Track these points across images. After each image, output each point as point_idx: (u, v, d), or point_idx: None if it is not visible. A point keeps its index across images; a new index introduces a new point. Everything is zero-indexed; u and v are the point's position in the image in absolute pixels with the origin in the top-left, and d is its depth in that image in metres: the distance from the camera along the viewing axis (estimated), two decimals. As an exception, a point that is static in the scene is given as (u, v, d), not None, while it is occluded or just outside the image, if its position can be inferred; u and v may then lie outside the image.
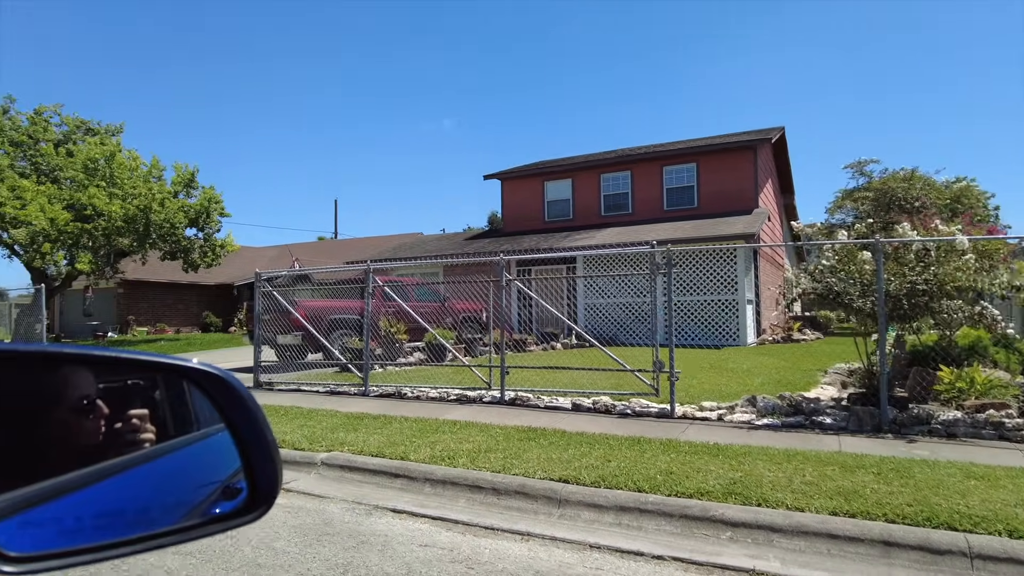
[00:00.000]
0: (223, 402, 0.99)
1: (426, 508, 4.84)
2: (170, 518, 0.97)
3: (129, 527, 0.90)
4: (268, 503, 1.00)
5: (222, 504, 1.02)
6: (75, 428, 0.88)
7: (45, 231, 18.38)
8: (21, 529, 0.78)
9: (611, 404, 8.00)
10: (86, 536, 0.87)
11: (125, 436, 0.92)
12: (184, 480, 1.08)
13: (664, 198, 20.05)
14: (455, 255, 18.65)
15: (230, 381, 0.98)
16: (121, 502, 0.94)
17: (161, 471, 1.00)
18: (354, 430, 6.84)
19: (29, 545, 0.78)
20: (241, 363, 15.68)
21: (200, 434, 1.05)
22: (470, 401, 8.81)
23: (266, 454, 0.99)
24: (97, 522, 0.89)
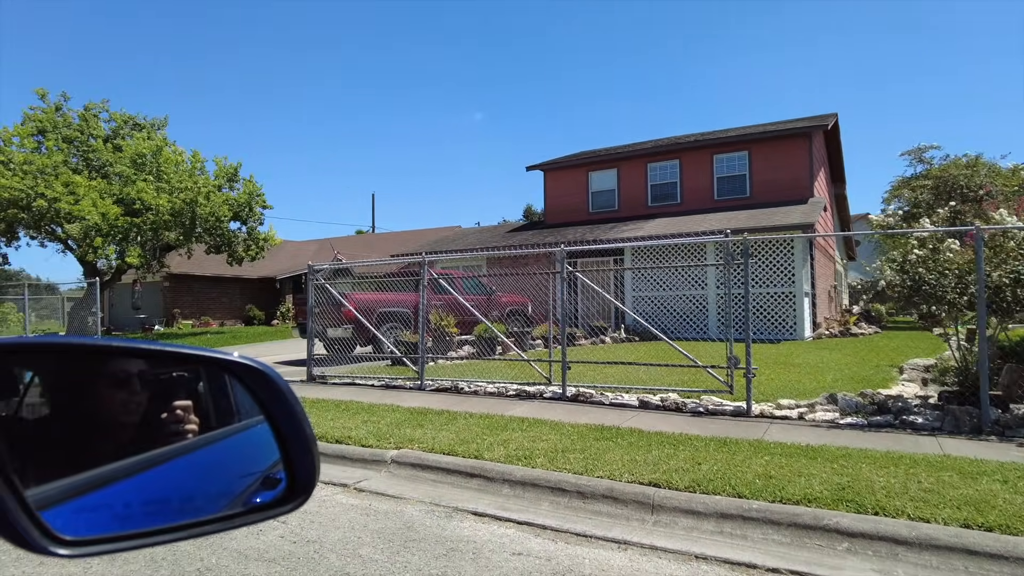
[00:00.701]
0: (263, 395, 1.00)
1: (508, 511, 4.58)
2: (213, 506, 0.99)
3: (175, 514, 0.92)
4: (306, 493, 1.00)
5: (262, 494, 1.03)
6: (124, 419, 0.91)
7: (97, 225, 18.64)
8: (75, 514, 0.79)
9: (681, 402, 7.66)
10: (135, 522, 0.89)
11: (170, 427, 0.94)
12: (226, 470, 1.09)
13: (715, 187, 19.47)
14: (504, 247, 18.39)
15: (270, 375, 0.99)
16: (167, 490, 0.96)
17: (204, 461, 1.02)
18: (420, 426, 6.62)
19: (83, 529, 0.80)
20: (288, 356, 15.69)
21: (241, 425, 1.05)
22: (530, 397, 8.54)
23: (304, 446, 0.98)
24: (145, 509, 0.91)
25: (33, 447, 0.84)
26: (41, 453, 0.84)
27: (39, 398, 0.89)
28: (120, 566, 3.54)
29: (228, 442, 1.06)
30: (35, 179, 18.25)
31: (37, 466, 0.80)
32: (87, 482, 0.84)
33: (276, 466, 1.01)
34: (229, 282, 30.73)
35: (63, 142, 20.77)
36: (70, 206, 18.06)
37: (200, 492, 1.02)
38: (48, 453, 0.85)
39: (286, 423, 0.98)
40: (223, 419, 1.06)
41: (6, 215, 18.15)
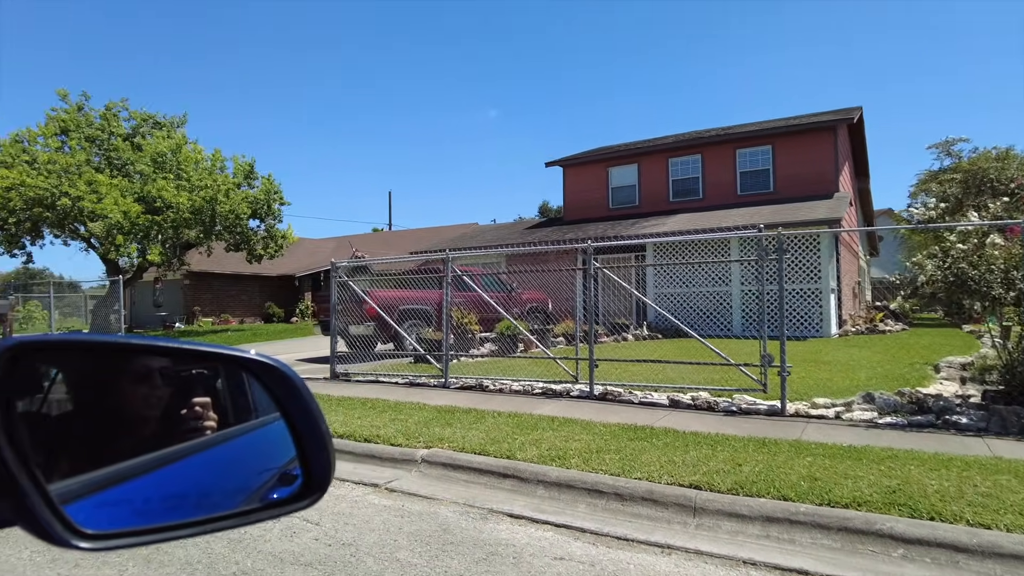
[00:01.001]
0: (280, 393, 1.00)
1: (545, 513, 4.46)
2: (231, 502, 1.00)
3: (193, 509, 0.94)
4: (321, 490, 1.01)
5: (279, 490, 1.03)
6: (144, 415, 0.92)
7: (119, 224, 18.76)
8: (97, 509, 0.80)
9: (712, 400, 7.49)
10: (154, 517, 0.90)
11: (189, 423, 0.95)
12: (243, 466, 1.10)
13: (737, 182, 19.20)
14: (529, 244, 18.26)
15: (286, 372, 0.99)
16: (185, 486, 0.97)
17: (222, 457, 1.03)
18: (448, 425, 6.52)
19: (104, 524, 0.81)
20: (310, 353, 15.69)
21: (258, 422, 1.06)
22: (557, 395, 8.41)
23: (320, 443, 1.00)
24: (164, 504, 0.92)
25: (56, 443, 0.85)
26: (64, 449, 0.85)
27: (63, 395, 0.91)
28: (156, 569, 3.48)
29: (245, 439, 1.07)
30: (59, 178, 18.40)
31: (60, 461, 0.81)
32: (108, 477, 0.85)
33: (292, 463, 1.02)
34: (248, 280, 30.88)
35: (85, 141, 20.93)
36: (93, 204, 18.19)
37: (217, 488, 1.04)
38: (70, 449, 0.86)
39: (302, 420, 0.99)
40: (241, 416, 1.07)
41: (31, 214, 18.31)
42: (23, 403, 0.81)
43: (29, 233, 19.97)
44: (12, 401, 0.77)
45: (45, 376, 0.88)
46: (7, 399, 0.75)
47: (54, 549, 3.39)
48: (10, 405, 0.76)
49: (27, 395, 0.83)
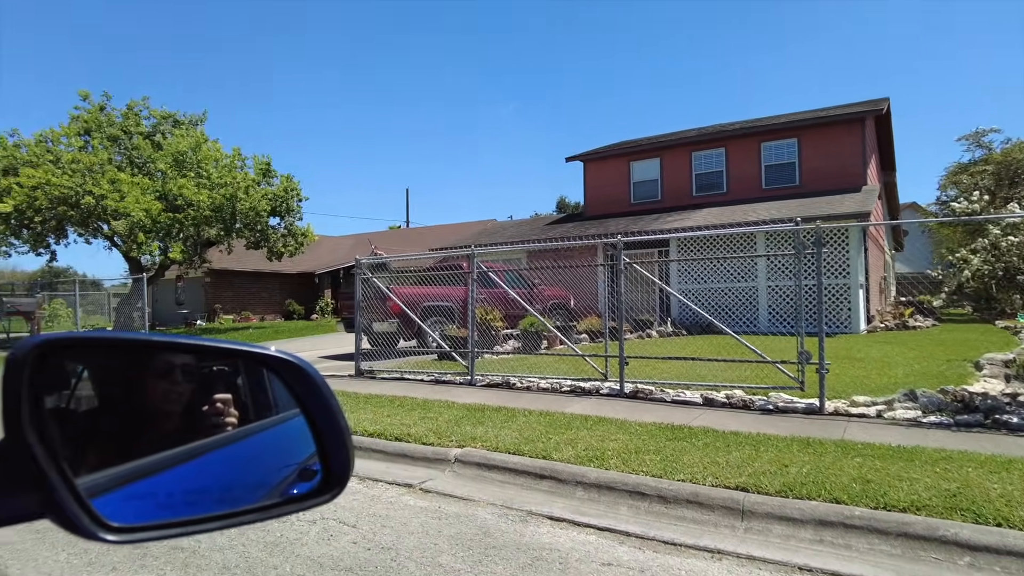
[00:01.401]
0: (299, 389, 1.00)
1: (586, 516, 4.32)
2: (252, 497, 1.00)
3: (215, 504, 0.94)
4: (341, 485, 1.01)
5: (299, 485, 1.04)
6: (168, 411, 0.93)
7: (141, 222, 18.87)
8: (122, 502, 0.82)
9: (748, 399, 7.31)
10: (177, 511, 0.91)
11: (211, 419, 0.96)
12: (264, 461, 1.11)
13: (762, 176, 18.88)
14: (557, 239, 18.08)
15: (306, 369, 0.99)
16: (207, 480, 0.97)
17: (243, 452, 1.03)
18: (480, 424, 6.40)
19: (129, 517, 0.82)
20: (333, 350, 15.66)
21: (278, 418, 1.07)
22: (586, 393, 8.27)
23: (339, 439, 1.00)
24: (186, 498, 0.93)
25: (83, 438, 0.86)
26: (90, 444, 0.87)
27: (89, 391, 0.92)
28: (193, 573, 3.39)
29: (266, 434, 1.07)
30: (83, 177, 18.53)
31: (86, 456, 0.82)
32: (133, 472, 0.86)
33: (312, 458, 1.02)
34: (268, 277, 31.01)
35: (107, 140, 21.07)
36: (116, 203, 18.29)
37: (239, 482, 1.04)
38: (97, 444, 0.88)
39: (321, 416, 0.99)
40: (261, 412, 1.08)
41: (56, 212, 18.46)
42: (51, 399, 0.82)
43: (54, 232, 20.15)
44: (41, 397, 0.78)
45: (72, 373, 0.90)
46: (36, 395, 0.76)
47: (91, 551, 3.33)
48: (39, 401, 0.77)
49: (55, 391, 0.84)
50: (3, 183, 18.05)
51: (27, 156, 19.05)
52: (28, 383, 0.75)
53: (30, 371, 0.76)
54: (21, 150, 19.44)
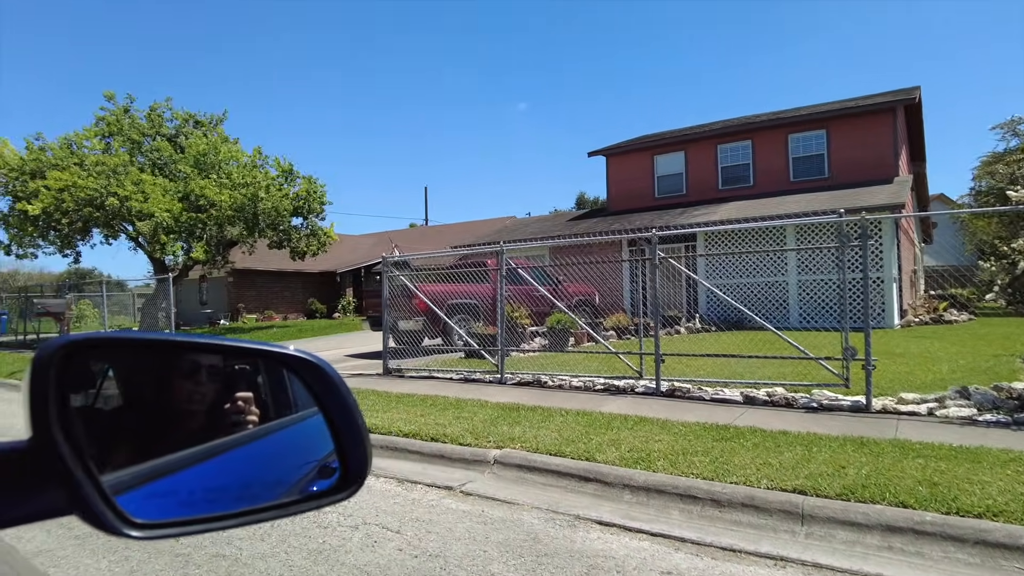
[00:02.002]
0: (318, 387, 1.00)
1: (637, 521, 4.15)
2: (271, 494, 1.01)
3: (235, 501, 0.94)
4: (358, 483, 1.01)
5: (318, 482, 1.05)
6: (189, 409, 0.94)
7: (164, 223, 18.96)
8: (145, 499, 0.83)
9: (790, 396, 7.08)
10: (198, 508, 0.92)
11: (232, 417, 0.96)
12: (283, 459, 1.12)
13: (790, 168, 18.51)
14: (584, 235, 17.89)
15: (324, 368, 1.00)
16: (228, 478, 0.98)
17: (263, 450, 1.04)
18: (516, 423, 6.25)
19: (152, 513, 0.83)
20: (357, 349, 15.60)
21: (298, 416, 1.07)
22: (620, 391, 8.08)
23: (356, 437, 1.00)
24: (207, 496, 0.94)
25: (107, 436, 0.87)
26: (114, 442, 0.87)
27: (113, 390, 0.93)
28: (238, 582, 3.27)
29: (285, 432, 1.07)
30: (107, 179, 18.65)
31: (111, 454, 0.83)
32: (155, 470, 0.87)
33: (330, 456, 1.02)
34: (291, 276, 31.11)
35: (130, 142, 21.21)
36: (140, 204, 18.39)
37: (258, 480, 1.05)
38: (120, 442, 0.89)
39: (339, 414, 1.00)
40: (281, 411, 1.08)
41: (82, 214, 18.61)
42: (77, 398, 0.83)
43: (80, 233, 20.32)
44: (67, 396, 0.78)
45: (97, 373, 0.91)
46: (62, 394, 0.77)
47: (132, 559, 3.21)
48: (65, 400, 0.78)
49: (80, 390, 0.85)
50: (31, 186, 18.23)
51: (52, 159, 19.22)
52: (54, 382, 0.76)
53: (56, 371, 0.77)
54: (47, 154, 19.62)
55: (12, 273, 67.48)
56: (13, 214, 19.61)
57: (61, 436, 0.74)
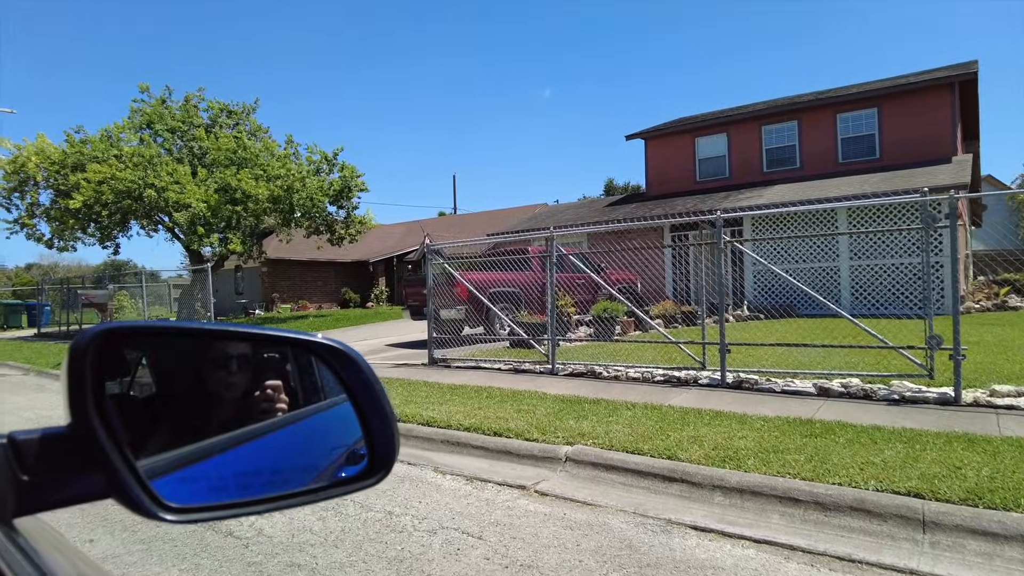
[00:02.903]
0: (346, 375, 1.01)
1: (735, 525, 3.81)
2: (300, 480, 1.02)
3: (265, 487, 0.96)
4: (386, 469, 1.01)
5: (346, 468, 1.05)
6: (220, 396, 0.97)
7: (201, 214, 18.96)
8: (178, 484, 0.84)
9: (868, 388, 6.65)
10: (229, 493, 0.94)
11: (262, 405, 0.98)
12: (312, 445, 1.13)
13: (838, 150, 17.80)
14: (637, 219, 17.44)
15: (352, 355, 1.00)
16: (258, 464, 1.00)
17: (292, 437, 1.05)
18: (581, 417, 5.93)
19: (185, 498, 0.84)
20: (396, 338, 15.42)
21: (326, 403, 1.08)
22: (682, 383, 7.72)
23: (384, 422, 1.00)
24: (238, 481, 0.95)
25: (141, 422, 0.88)
26: (148, 428, 0.89)
27: (147, 378, 0.95)
28: (320, 595, 3.02)
29: (314, 419, 1.07)
30: (145, 170, 18.69)
31: (145, 439, 0.84)
32: (187, 455, 0.89)
33: (359, 442, 1.02)
34: (323, 266, 31.14)
35: (167, 133, 21.25)
36: (177, 195, 18.40)
37: (288, 466, 1.05)
38: (154, 428, 0.90)
39: (367, 401, 1.00)
40: (309, 398, 1.08)
41: (121, 206, 18.68)
42: (112, 385, 0.84)
43: (118, 225, 20.44)
44: (103, 384, 0.79)
45: (131, 361, 0.94)
46: (99, 382, 0.78)
47: (202, 567, 2.97)
48: (101, 387, 0.79)
49: (116, 378, 0.88)
50: (72, 179, 18.33)
51: (92, 152, 19.32)
52: (91, 370, 0.77)
53: (92, 359, 0.78)
54: (87, 147, 19.74)
55: (52, 266, 69.07)
56: (55, 208, 19.80)
57: (98, 422, 0.75)
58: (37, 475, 0.72)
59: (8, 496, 0.70)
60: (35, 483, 0.72)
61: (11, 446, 0.72)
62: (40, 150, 19.21)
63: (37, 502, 0.73)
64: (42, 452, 0.73)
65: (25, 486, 0.71)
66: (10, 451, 0.71)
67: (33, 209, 20.27)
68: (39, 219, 20.45)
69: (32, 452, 0.72)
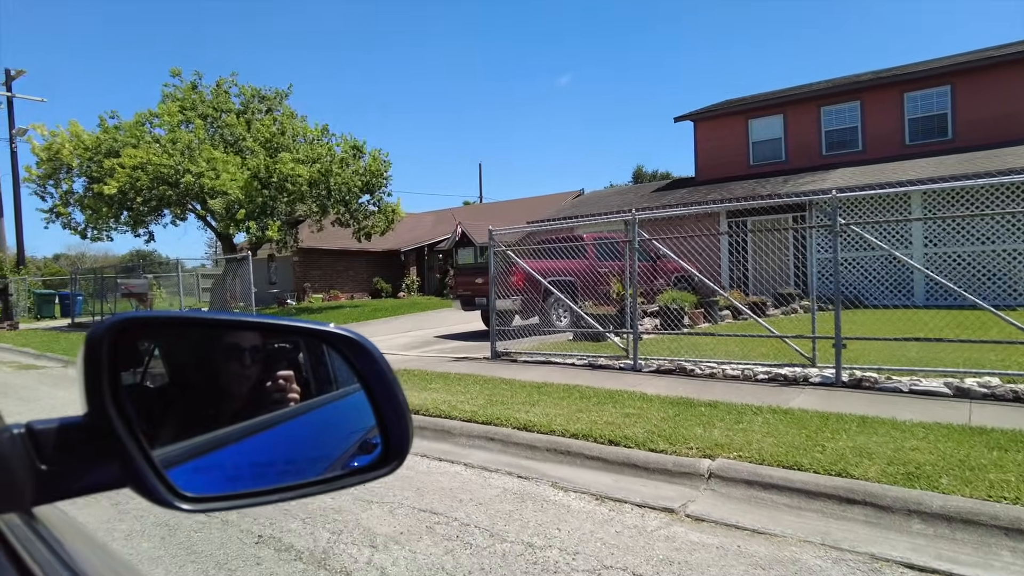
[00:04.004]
0: (359, 364, 1.00)
1: (958, 564, 3.12)
2: (314, 470, 1.02)
3: (279, 476, 0.96)
4: (400, 458, 1.01)
5: (359, 458, 1.05)
6: (233, 387, 0.98)
7: (239, 200, 18.48)
8: (193, 474, 0.85)
9: (1016, 389, 5.88)
10: (244, 483, 0.94)
11: (274, 395, 0.98)
12: (325, 435, 1.12)
13: (905, 131, 16.83)
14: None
15: (365, 344, 1.00)
16: (272, 454, 1.00)
17: (305, 427, 1.05)
18: (706, 423, 5.24)
19: (200, 488, 0.84)
20: (444, 329, 14.81)
21: (339, 393, 1.07)
22: (791, 381, 7.00)
23: (398, 412, 1.00)
24: (253, 471, 0.96)
25: (156, 412, 0.88)
26: (162, 418, 0.89)
27: (161, 368, 0.95)
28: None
29: (327, 409, 1.08)
30: (182, 155, 18.21)
31: (160, 429, 0.84)
32: (202, 445, 0.89)
33: (372, 432, 1.02)
34: (354, 255, 30.66)
35: (200, 118, 20.76)
36: (212, 181, 17.91)
37: (301, 456, 1.05)
38: (168, 418, 0.90)
39: (380, 390, 0.99)
40: (322, 387, 1.08)
41: (156, 192, 18.24)
42: (126, 376, 0.83)
43: (153, 212, 20.00)
44: (118, 374, 0.79)
45: (144, 351, 0.92)
46: (114, 372, 0.78)
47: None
48: (117, 377, 0.79)
49: (130, 368, 0.86)
50: (107, 164, 17.90)
51: (126, 138, 18.90)
52: (107, 360, 0.77)
53: (108, 349, 0.78)
54: (120, 132, 19.32)
55: (79, 256, 69.56)
56: (88, 195, 19.41)
57: (115, 412, 0.75)
58: (55, 464, 0.71)
59: (27, 485, 0.70)
60: (53, 472, 0.71)
61: (29, 435, 0.70)
62: (75, 135, 18.81)
63: (55, 491, 0.72)
64: (60, 441, 0.72)
65: (43, 475, 0.70)
66: (28, 440, 0.70)
67: (68, 197, 19.92)
68: (73, 207, 20.10)
69: (50, 441, 0.71)
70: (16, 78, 30.33)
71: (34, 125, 19.51)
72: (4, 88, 30.23)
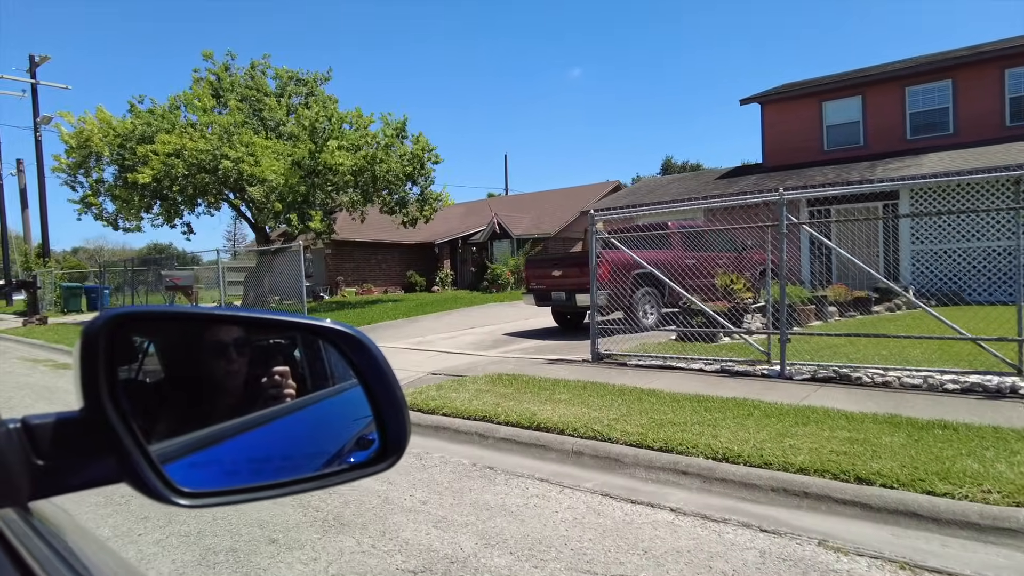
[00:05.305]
0: (356, 359, 1.00)
1: None
2: (311, 465, 1.01)
3: (276, 472, 0.96)
4: (397, 454, 1.00)
5: (357, 454, 1.04)
6: (229, 382, 0.95)
7: (278, 188, 17.44)
8: (190, 469, 0.84)
9: None
10: (241, 478, 0.93)
11: (270, 390, 0.96)
12: (322, 431, 1.11)
13: (1005, 112, 15.49)
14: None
15: (363, 340, 0.99)
16: (269, 449, 0.99)
17: (302, 422, 1.04)
18: (972, 454, 4.10)
19: (197, 483, 0.83)
20: (511, 327, 13.68)
21: (336, 389, 1.06)
22: (998, 393, 5.86)
23: (395, 407, 0.99)
24: (250, 466, 0.95)
25: (152, 407, 0.87)
26: (159, 413, 0.87)
27: (157, 363, 0.93)
28: None
29: (323, 405, 1.06)
30: (220, 140, 17.17)
31: (156, 424, 0.83)
32: (198, 440, 0.88)
33: (369, 427, 1.01)
34: (388, 247, 29.62)
35: (237, 102, 19.70)
36: (251, 168, 16.85)
37: (298, 451, 1.05)
38: (164, 413, 0.89)
39: (378, 386, 0.99)
40: (319, 383, 1.07)
41: (193, 180, 17.20)
42: (121, 371, 0.82)
43: (190, 202, 18.95)
44: (115, 369, 0.78)
45: (139, 346, 0.91)
46: (111, 366, 0.77)
47: None
48: (113, 372, 0.78)
49: (125, 363, 0.85)
50: (140, 151, 16.89)
51: (160, 123, 17.88)
52: (104, 355, 0.76)
53: (105, 344, 0.77)
54: (153, 117, 18.30)
55: (98, 249, 69.07)
56: (119, 185, 18.40)
57: (111, 407, 0.74)
58: (51, 459, 0.70)
59: (23, 480, 0.69)
60: (49, 467, 0.70)
61: (25, 430, 0.70)
62: (104, 121, 17.81)
63: (51, 486, 0.71)
64: (56, 436, 0.71)
65: (39, 470, 0.70)
66: (24, 435, 0.70)
67: (98, 187, 18.94)
68: (104, 197, 19.11)
69: (46, 436, 0.71)
70: (40, 64, 29.49)
71: (61, 112, 18.56)
72: (28, 75, 29.42)
